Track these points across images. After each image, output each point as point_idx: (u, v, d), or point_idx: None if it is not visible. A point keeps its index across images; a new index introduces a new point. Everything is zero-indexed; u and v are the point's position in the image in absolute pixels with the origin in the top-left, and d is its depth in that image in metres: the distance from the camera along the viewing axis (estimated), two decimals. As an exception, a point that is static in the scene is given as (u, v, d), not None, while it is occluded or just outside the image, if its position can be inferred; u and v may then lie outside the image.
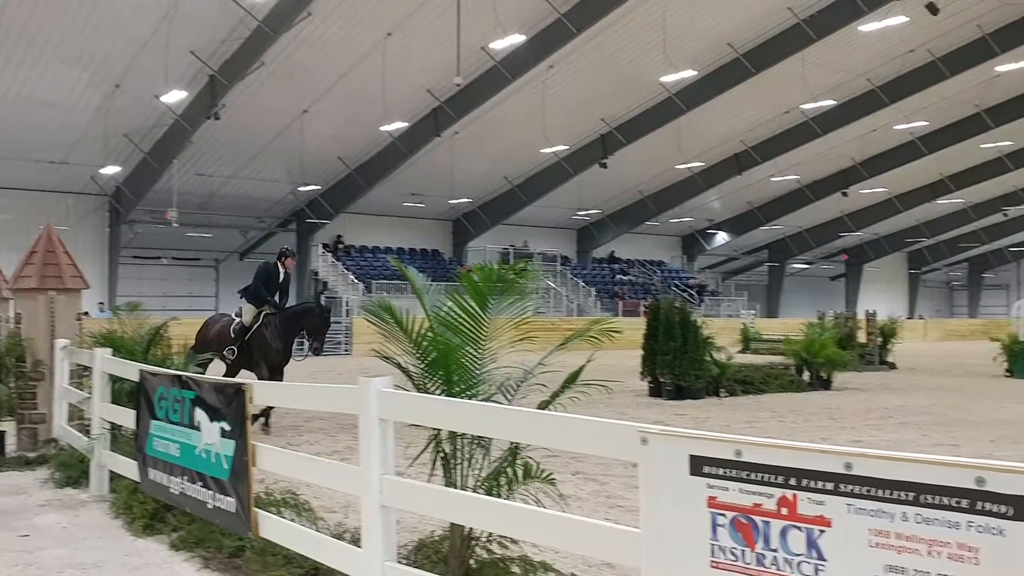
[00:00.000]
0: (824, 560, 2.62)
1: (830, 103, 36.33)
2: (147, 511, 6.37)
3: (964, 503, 2.36)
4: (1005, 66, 32.68)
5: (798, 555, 2.67)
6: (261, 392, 5.46)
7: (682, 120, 35.50)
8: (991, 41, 32.44)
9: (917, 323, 52.00)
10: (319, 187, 38.53)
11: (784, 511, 2.70)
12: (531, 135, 35.95)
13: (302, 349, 12.42)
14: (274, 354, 11.75)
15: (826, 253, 60.96)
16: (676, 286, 48.05)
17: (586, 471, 8.52)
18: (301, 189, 38.56)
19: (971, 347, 36.50)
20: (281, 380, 11.26)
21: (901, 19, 27.69)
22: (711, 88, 33.69)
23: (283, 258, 12.30)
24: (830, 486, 2.60)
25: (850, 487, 2.56)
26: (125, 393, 7.56)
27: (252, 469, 5.13)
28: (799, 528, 2.67)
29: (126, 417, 7.01)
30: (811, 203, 49.00)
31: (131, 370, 6.97)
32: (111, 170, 33.61)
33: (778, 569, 2.71)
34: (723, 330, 29.38)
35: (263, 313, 11.87)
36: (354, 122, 33.63)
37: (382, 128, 33.52)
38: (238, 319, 12.14)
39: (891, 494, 2.49)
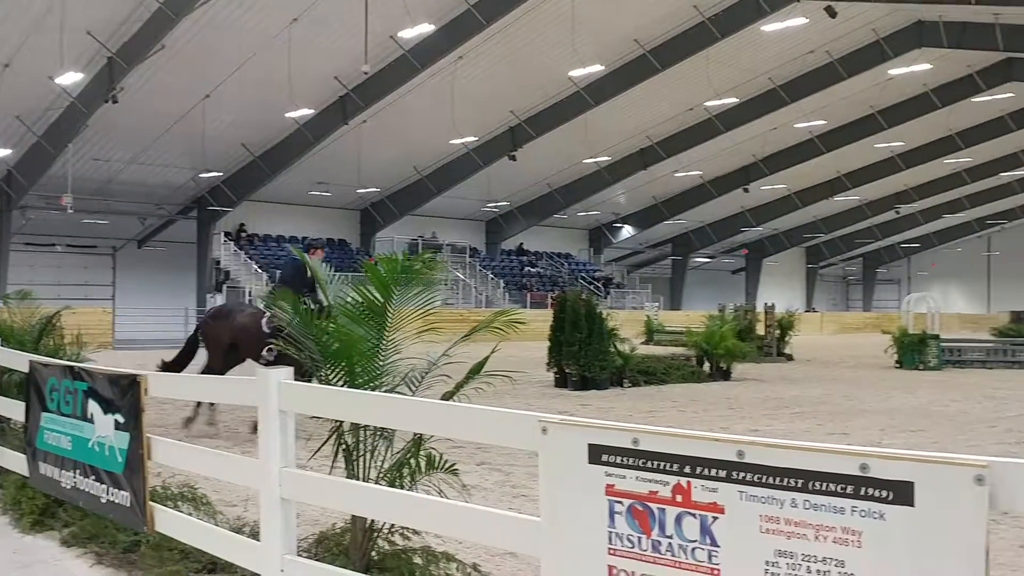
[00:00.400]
0: (717, 546, 2.69)
1: (733, 101, 37.15)
2: (37, 507, 6.15)
3: (849, 489, 2.45)
4: (897, 69, 33.93)
5: (692, 541, 2.73)
6: (157, 384, 5.32)
7: (590, 114, 35.84)
8: (884, 45, 33.63)
9: (813, 316, 53.62)
10: (221, 174, 37.68)
11: (679, 498, 2.76)
12: (440, 125, 35.82)
13: None
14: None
15: (728, 247, 62.40)
16: (583, 278, 48.61)
17: (491, 461, 8.57)
18: (202, 175, 37.64)
19: (864, 339, 37.85)
20: None
21: (801, 20, 28.47)
22: (618, 83, 34.09)
23: (310, 250, 11.60)
24: (723, 473, 2.67)
25: (742, 474, 2.63)
26: (14, 385, 7.30)
27: (147, 462, 5.01)
28: (693, 515, 2.73)
29: (15, 410, 6.75)
30: (714, 198, 50.08)
31: (20, 361, 6.72)
32: (1, 153, 32.25)
33: (673, 555, 2.77)
34: (628, 322, 29.78)
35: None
36: (258, 108, 32.97)
37: (287, 115, 32.95)
38: (270, 312, 10.72)
39: (781, 481, 2.56)
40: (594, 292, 42.12)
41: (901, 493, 2.37)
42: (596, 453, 2.95)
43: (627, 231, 55.53)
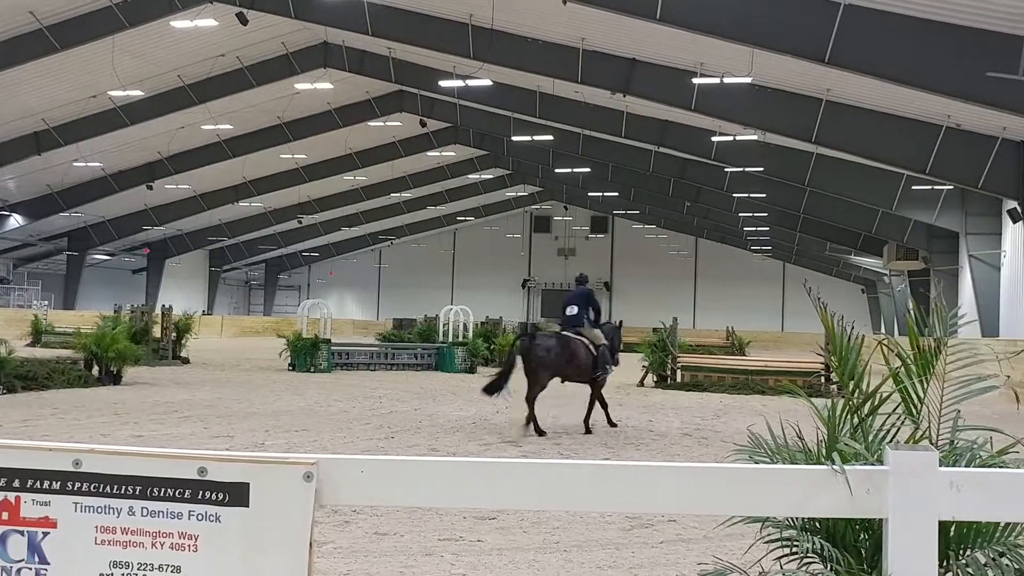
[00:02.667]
0: (47, 563, 2.51)
1: (139, 94, 35.71)
2: None
3: (187, 493, 2.46)
4: (303, 85, 35.51)
5: (18, 561, 2.52)
6: None
7: (-28, 86, 31.85)
8: (293, 60, 35.03)
9: (214, 319, 53.82)
10: None
11: (6, 515, 2.53)
12: None
13: None
14: None
15: (129, 245, 59.92)
16: (-44, 271, 42.91)
17: None
18: None
19: (263, 343, 38.95)
20: None
21: (212, 23, 28.36)
22: (7, 57, 30.69)
23: (587, 283, 14.17)
24: (57, 485, 2.51)
25: (78, 485, 2.50)
26: None
27: None
28: (21, 532, 2.52)
29: None
30: (116, 193, 47.62)
31: None
32: None
33: (-5, 579, 2.54)
34: (12, 321, 27.19)
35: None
36: None
37: None
38: (583, 339, 12.88)
39: (118, 489, 2.49)
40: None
41: (237, 494, 2.44)
42: (-94, 472, 2.58)
43: (15, 221, 50.20)
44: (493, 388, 12.08)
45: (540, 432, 12.10)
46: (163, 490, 2.47)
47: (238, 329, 53.83)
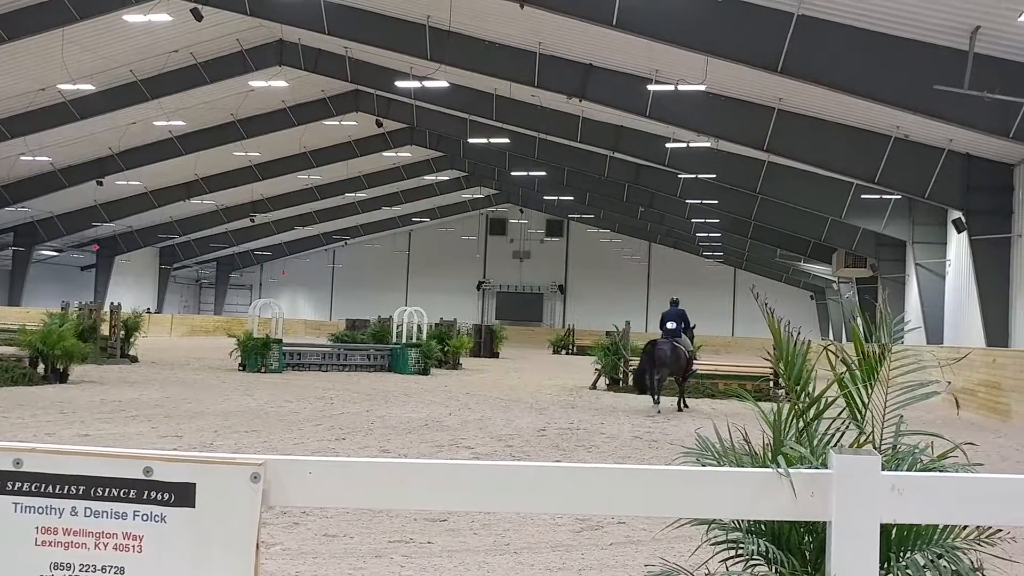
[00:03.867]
0: (-16, 565, 2.47)
1: (90, 88, 35.12)
2: None
3: (132, 494, 2.43)
4: (258, 82, 35.19)
5: (-45, 563, 2.48)
6: None
7: (-85, 77, 31.09)
8: (247, 57, 34.67)
9: (164, 317, 53.10)
10: None
11: (-58, 516, 2.48)
12: None
13: None
14: None
15: (78, 241, 58.86)
16: None
17: None
18: None
19: (214, 342, 38.52)
20: None
21: (165, 17, 27.98)
22: (-46, 47, 30.06)
23: (678, 303, 19.03)
24: (-4, 485, 2.47)
25: (19, 484, 2.46)
26: None
27: None
28: (-41, 533, 2.47)
29: None
30: (64, 188, 46.76)
31: None
32: None
33: (-68, 582, 2.49)
34: (-49, 317, 26.41)
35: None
36: None
37: None
38: (683, 347, 17.82)
39: (61, 489, 2.44)
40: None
41: (182, 494, 2.41)
42: None
43: (-42, 215, 49.18)
44: (640, 382, 17.93)
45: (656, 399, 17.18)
46: (107, 490, 2.43)
47: (188, 328, 53.17)
